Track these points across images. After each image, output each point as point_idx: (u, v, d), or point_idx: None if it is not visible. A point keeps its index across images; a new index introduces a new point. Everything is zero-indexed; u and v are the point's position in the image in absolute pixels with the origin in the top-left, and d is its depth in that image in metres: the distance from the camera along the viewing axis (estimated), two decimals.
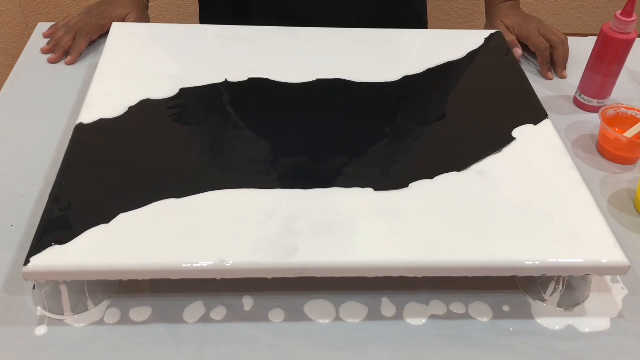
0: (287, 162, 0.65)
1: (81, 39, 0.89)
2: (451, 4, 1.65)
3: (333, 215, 0.59)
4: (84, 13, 0.92)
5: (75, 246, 0.55)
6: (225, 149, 0.67)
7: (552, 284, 0.61)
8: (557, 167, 0.67)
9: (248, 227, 0.58)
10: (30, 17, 1.53)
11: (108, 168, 0.63)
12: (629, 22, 0.79)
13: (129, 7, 0.94)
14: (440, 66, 0.82)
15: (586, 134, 0.82)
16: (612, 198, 0.73)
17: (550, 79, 0.91)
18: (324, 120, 0.72)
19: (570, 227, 0.60)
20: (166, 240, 0.56)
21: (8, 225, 0.64)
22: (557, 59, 0.92)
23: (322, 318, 0.59)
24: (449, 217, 0.60)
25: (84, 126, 0.68)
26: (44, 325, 0.57)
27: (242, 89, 0.75)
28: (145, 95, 0.72)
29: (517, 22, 0.95)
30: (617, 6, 1.68)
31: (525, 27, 0.94)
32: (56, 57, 0.88)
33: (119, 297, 0.60)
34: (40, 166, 0.71)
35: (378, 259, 0.56)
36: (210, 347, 0.56)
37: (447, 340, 0.58)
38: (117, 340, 0.56)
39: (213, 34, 0.85)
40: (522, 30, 0.94)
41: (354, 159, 0.67)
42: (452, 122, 0.73)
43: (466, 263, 0.56)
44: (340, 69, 0.79)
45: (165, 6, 1.57)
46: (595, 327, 0.60)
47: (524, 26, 0.94)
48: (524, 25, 0.94)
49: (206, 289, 0.60)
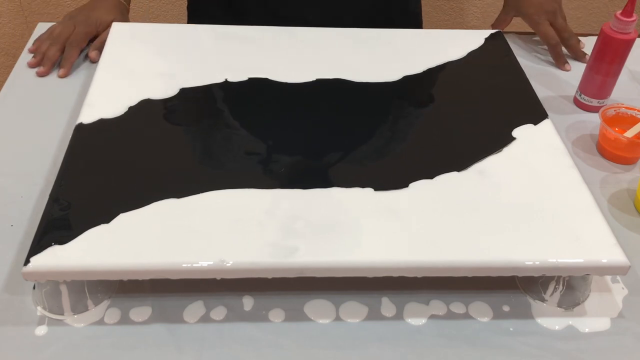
0: (287, 162, 0.65)
1: (72, 50, 0.85)
2: (451, 4, 1.64)
3: (333, 215, 0.59)
4: (66, 20, 0.89)
5: (75, 246, 0.55)
6: (225, 148, 0.67)
7: (552, 284, 0.61)
8: (557, 167, 0.67)
9: (248, 227, 0.58)
10: (30, 17, 1.53)
11: (108, 168, 0.63)
12: (629, 22, 0.79)
13: (114, 12, 0.91)
14: (440, 66, 0.82)
15: (586, 134, 0.82)
16: (612, 198, 0.73)
17: (569, 70, 0.93)
18: (323, 120, 0.72)
19: (570, 227, 0.60)
20: (166, 240, 0.56)
21: (8, 225, 0.64)
22: (576, 52, 0.95)
23: (322, 318, 0.59)
24: (449, 217, 0.60)
25: (84, 126, 0.68)
26: (44, 325, 0.57)
27: (242, 89, 0.75)
28: (145, 95, 0.72)
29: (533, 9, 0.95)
30: (617, 6, 1.68)
31: (537, 18, 0.94)
32: (45, 70, 0.84)
33: (119, 297, 0.59)
34: (40, 166, 0.71)
35: (378, 259, 0.56)
36: (210, 347, 0.56)
37: (447, 340, 0.58)
38: (117, 340, 0.56)
39: (213, 34, 0.85)
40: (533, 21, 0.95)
41: (353, 159, 0.67)
42: (452, 122, 0.74)
43: (466, 263, 0.56)
44: (340, 69, 0.79)
45: (165, 6, 1.57)
46: (595, 327, 0.60)
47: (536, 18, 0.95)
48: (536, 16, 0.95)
49: (206, 289, 0.60)
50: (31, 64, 0.86)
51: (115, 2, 0.93)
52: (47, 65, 0.85)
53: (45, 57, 0.85)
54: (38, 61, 0.86)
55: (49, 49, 0.86)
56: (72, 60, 0.86)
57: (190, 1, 1.07)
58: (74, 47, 0.86)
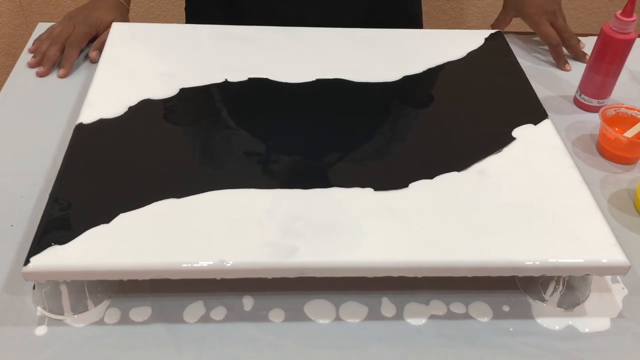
0: (287, 162, 0.65)
1: (72, 50, 0.85)
2: (451, 4, 1.65)
3: (333, 215, 0.59)
4: (66, 20, 0.89)
5: (75, 246, 0.55)
6: (225, 148, 0.67)
7: (552, 284, 0.61)
8: (557, 167, 0.67)
9: (248, 227, 0.58)
10: (30, 17, 1.53)
11: (108, 168, 0.63)
12: (629, 22, 0.79)
13: (114, 13, 0.91)
14: (440, 66, 0.82)
15: (586, 134, 0.82)
16: (612, 198, 0.73)
17: (569, 70, 0.93)
18: (323, 120, 0.72)
19: (570, 227, 0.60)
20: (166, 240, 0.56)
21: (8, 225, 0.64)
22: (577, 53, 0.95)
23: (322, 318, 0.59)
24: (449, 217, 0.60)
25: (84, 126, 0.68)
26: (44, 325, 0.57)
27: (242, 89, 0.75)
28: (145, 95, 0.72)
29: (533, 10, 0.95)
30: (617, 6, 1.68)
31: (537, 19, 0.94)
32: (45, 70, 0.84)
33: (119, 297, 0.59)
34: (40, 166, 0.71)
35: (378, 259, 0.56)
36: (210, 347, 0.56)
37: (447, 340, 0.58)
38: (117, 340, 0.56)
39: (213, 34, 0.85)
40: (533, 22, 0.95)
41: (353, 159, 0.67)
42: (452, 122, 0.74)
43: (466, 263, 0.56)
44: (340, 69, 0.79)
45: (165, 6, 1.57)
46: (595, 327, 0.60)
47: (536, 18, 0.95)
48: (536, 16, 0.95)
49: (206, 289, 0.60)
50: (31, 64, 0.86)
51: (115, 2, 0.93)
52: (47, 65, 0.85)
53: (45, 57, 0.85)
54: (38, 61, 0.86)
55: (49, 49, 0.86)
56: (71, 60, 0.86)
57: (189, 2, 1.07)
58: (73, 47, 0.86)
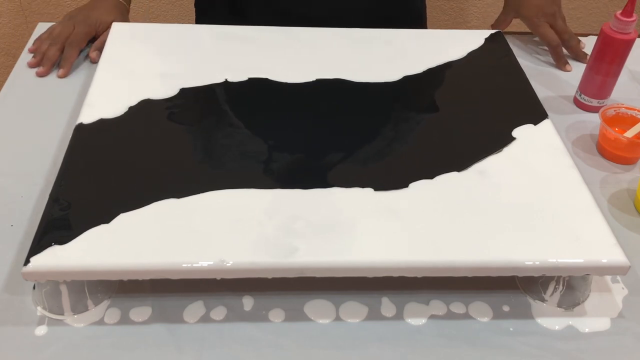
0: (287, 162, 0.65)
1: (71, 50, 0.85)
2: (451, 4, 1.64)
3: (333, 215, 0.59)
4: (66, 20, 0.89)
5: (75, 246, 0.55)
6: (225, 148, 0.67)
7: (552, 284, 0.61)
8: (557, 167, 0.67)
9: (248, 227, 0.58)
10: (30, 17, 1.54)
11: (108, 168, 0.63)
12: (629, 22, 0.79)
13: (114, 13, 0.90)
14: (440, 66, 0.82)
15: (586, 134, 0.82)
16: (612, 198, 0.73)
17: (570, 70, 0.93)
18: (323, 120, 0.72)
19: (570, 227, 0.60)
20: (166, 240, 0.56)
21: (8, 225, 0.64)
22: (577, 53, 0.95)
23: (322, 318, 0.59)
24: (449, 217, 0.60)
25: (84, 126, 0.68)
26: (44, 325, 0.57)
27: (242, 89, 0.75)
28: (145, 95, 0.72)
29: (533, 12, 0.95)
30: (617, 6, 1.68)
31: (536, 21, 0.94)
32: (44, 70, 0.84)
33: (119, 297, 0.59)
34: (40, 166, 0.71)
35: (378, 259, 0.56)
36: (210, 347, 0.56)
37: (447, 340, 0.58)
38: (117, 340, 0.56)
39: (213, 34, 0.85)
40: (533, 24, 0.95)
41: (354, 159, 0.67)
42: (452, 122, 0.74)
43: (466, 263, 0.56)
44: (340, 69, 0.79)
45: (165, 6, 1.57)
46: (595, 327, 0.60)
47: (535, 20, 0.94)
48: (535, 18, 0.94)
49: (206, 289, 0.60)
50: (31, 64, 0.86)
51: (115, 2, 0.93)
52: (47, 65, 0.85)
53: (45, 57, 0.85)
54: (38, 61, 0.86)
55: (49, 49, 0.86)
56: (71, 60, 0.86)
57: (197, 0, 1.07)
58: (73, 47, 0.86)
